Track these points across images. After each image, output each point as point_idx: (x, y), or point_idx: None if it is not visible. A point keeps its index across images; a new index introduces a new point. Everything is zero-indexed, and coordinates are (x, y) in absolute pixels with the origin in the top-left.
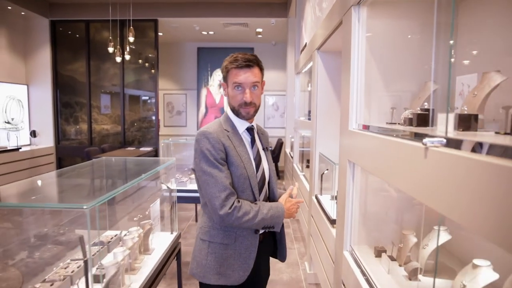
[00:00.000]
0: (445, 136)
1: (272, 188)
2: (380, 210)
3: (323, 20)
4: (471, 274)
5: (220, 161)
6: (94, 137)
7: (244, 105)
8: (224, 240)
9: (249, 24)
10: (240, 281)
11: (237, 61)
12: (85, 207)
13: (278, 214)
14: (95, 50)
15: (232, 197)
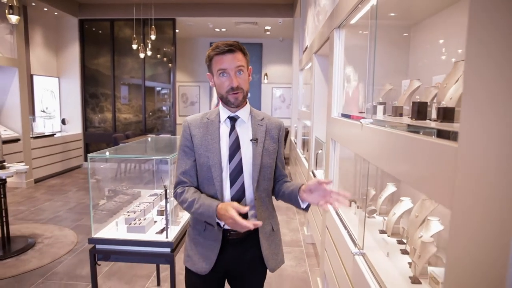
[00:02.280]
0: (372, 119)
1: (254, 182)
2: (351, 173)
3: (318, 32)
4: (398, 206)
5: (184, 148)
6: (118, 125)
7: (232, 91)
8: (196, 226)
9: (258, 23)
10: (204, 272)
11: (218, 47)
12: (167, 157)
13: (209, 213)
14: (119, 46)
15: (177, 186)
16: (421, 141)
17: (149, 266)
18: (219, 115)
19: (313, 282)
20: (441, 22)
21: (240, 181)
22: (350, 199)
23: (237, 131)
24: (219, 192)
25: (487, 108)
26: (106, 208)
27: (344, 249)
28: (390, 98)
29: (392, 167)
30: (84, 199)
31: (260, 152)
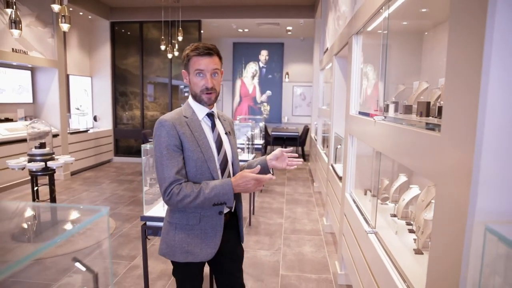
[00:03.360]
0: (384, 116)
1: (236, 169)
2: (367, 165)
3: (338, 36)
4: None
5: (173, 147)
6: (146, 121)
7: (206, 91)
8: (189, 221)
9: (280, 24)
10: (208, 258)
11: (198, 49)
12: None
13: (224, 191)
14: (147, 47)
15: (171, 186)
16: (415, 132)
17: None
18: (194, 112)
19: (332, 265)
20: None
21: (228, 169)
22: (365, 188)
23: (217, 126)
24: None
25: (462, 107)
26: (150, 192)
27: (359, 229)
28: (403, 98)
29: (396, 154)
30: (117, 190)
31: (234, 143)
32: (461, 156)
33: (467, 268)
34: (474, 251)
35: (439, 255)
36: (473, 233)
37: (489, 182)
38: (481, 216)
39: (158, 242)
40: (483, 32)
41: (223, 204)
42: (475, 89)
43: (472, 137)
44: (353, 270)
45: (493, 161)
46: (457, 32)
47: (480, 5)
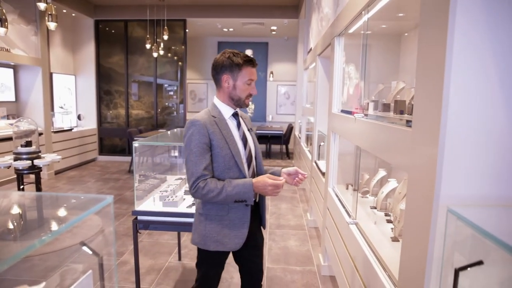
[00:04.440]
0: (363, 114)
1: (259, 163)
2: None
3: (321, 37)
4: (386, 186)
5: (203, 145)
6: (131, 120)
7: (249, 96)
8: (218, 212)
9: (264, 23)
10: (237, 247)
11: (252, 61)
12: None
13: (245, 190)
14: (132, 45)
15: (198, 180)
16: (391, 128)
17: (171, 244)
18: (221, 112)
19: (315, 257)
20: None
21: (252, 163)
22: (347, 183)
23: (241, 125)
24: (242, 175)
25: (429, 104)
26: (140, 188)
27: (342, 222)
28: (382, 96)
29: (375, 149)
30: (102, 188)
31: (256, 139)
32: (428, 148)
33: (433, 247)
34: (439, 231)
35: (410, 237)
36: (438, 215)
37: (452, 170)
38: (445, 200)
39: (146, 238)
40: (445, 39)
41: (243, 202)
42: (439, 89)
43: (437, 131)
44: (335, 261)
45: (455, 152)
46: (425, 39)
47: (442, 14)
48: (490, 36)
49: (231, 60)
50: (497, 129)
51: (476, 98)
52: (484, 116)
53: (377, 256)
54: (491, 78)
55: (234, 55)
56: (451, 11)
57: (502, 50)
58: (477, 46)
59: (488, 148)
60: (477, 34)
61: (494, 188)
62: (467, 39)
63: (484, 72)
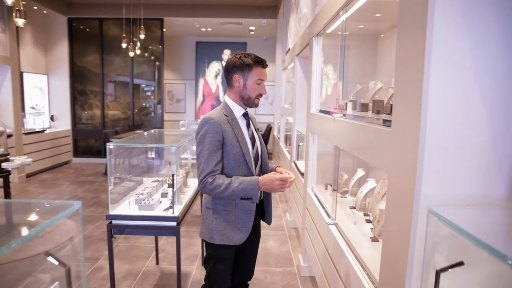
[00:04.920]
0: (342, 113)
1: (265, 162)
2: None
3: (299, 38)
4: (364, 186)
5: (215, 142)
6: (107, 121)
7: (259, 97)
8: (225, 207)
9: (243, 23)
10: (241, 241)
11: (262, 62)
12: (174, 146)
13: (251, 187)
14: (107, 44)
15: (207, 175)
16: (370, 128)
17: (147, 248)
18: (232, 112)
19: (295, 258)
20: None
21: (259, 162)
22: (326, 183)
23: (251, 125)
24: (250, 172)
25: (408, 105)
26: (115, 191)
27: (321, 222)
28: (360, 96)
29: (354, 149)
30: (77, 192)
31: (261, 139)
32: (408, 148)
33: (414, 247)
34: (420, 232)
35: (391, 238)
36: (419, 216)
37: (433, 171)
38: (425, 201)
39: (122, 242)
40: (424, 39)
41: (249, 199)
42: (418, 89)
43: (417, 131)
44: (315, 262)
45: (435, 152)
46: (403, 39)
47: (421, 15)
48: (468, 37)
49: (242, 61)
50: (475, 129)
51: (454, 98)
52: (462, 116)
53: (357, 257)
54: (469, 78)
55: (245, 56)
56: (430, 11)
57: (480, 51)
58: (456, 45)
59: (467, 148)
60: (455, 35)
61: (474, 188)
62: (445, 39)
63: (462, 72)
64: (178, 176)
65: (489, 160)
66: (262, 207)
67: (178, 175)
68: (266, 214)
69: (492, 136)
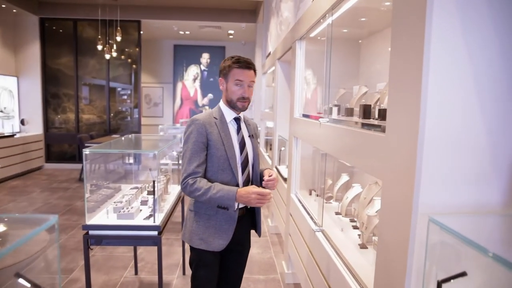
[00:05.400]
0: (328, 118)
1: (255, 170)
2: (311, 167)
3: (281, 42)
4: (350, 192)
5: (199, 144)
6: (81, 125)
7: (242, 99)
8: (207, 211)
9: (222, 27)
10: (220, 248)
11: (240, 62)
12: (155, 152)
13: (228, 197)
14: (82, 46)
15: (189, 177)
16: (362, 133)
17: (125, 257)
18: (223, 115)
19: (279, 265)
20: (384, 38)
21: (248, 168)
22: (310, 188)
23: (242, 129)
24: (234, 178)
25: (405, 109)
26: (92, 199)
27: (306, 228)
28: (344, 101)
29: (343, 154)
30: (50, 199)
31: (256, 145)
32: (405, 154)
33: (412, 257)
34: (418, 241)
35: (386, 247)
36: (417, 224)
37: (431, 178)
38: (424, 209)
39: (99, 252)
40: (422, 41)
41: (225, 209)
42: (416, 93)
43: (415, 137)
44: (301, 269)
45: (433, 159)
46: (398, 41)
47: (418, 15)
48: (466, 39)
49: (223, 63)
50: (474, 135)
51: (453, 104)
52: (461, 121)
53: (347, 264)
54: (468, 83)
55: (228, 59)
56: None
57: (479, 53)
58: (454, 48)
59: (465, 154)
60: (454, 35)
61: (471, 195)
62: (444, 39)
63: (461, 76)
64: (159, 182)
65: (487, 167)
66: (254, 217)
67: (159, 182)
68: (258, 225)
69: (490, 142)
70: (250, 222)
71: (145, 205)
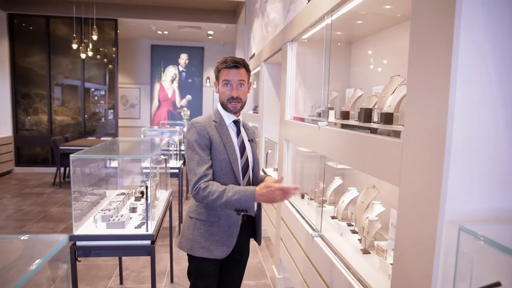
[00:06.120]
0: (327, 121)
1: (256, 173)
2: (302, 170)
3: (268, 43)
4: (346, 195)
5: (203, 146)
6: (54, 127)
7: (232, 100)
8: (209, 218)
9: (201, 27)
10: (223, 256)
11: (226, 62)
12: (148, 156)
13: (246, 198)
14: (55, 45)
15: (200, 181)
16: (376, 139)
17: (109, 266)
18: (222, 118)
19: (268, 270)
20: (375, 41)
21: (248, 172)
22: (302, 192)
23: (241, 133)
24: (236, 182)
25: (428, 113)
26: (77, 207)
27: (302, 233)
28: (335, 104)
29: (351, 160)
30: (22, 205)
31: (255, 150)
32: (428, 160)
33: (438, 266)
34: (444, 249)
35: (405, 256)
36: (444, 231)
37: (457, 184)
38: (451, 216)
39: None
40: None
41: (244, 211)
42: (443, 97)
43: (441, 142)
44: (295, 274)
45: (461, 164)
46: (420, 41)
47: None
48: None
49: (216, 66)
50: (501, 139)
51: (480, 106)
52: (488, 125)
53: (352, 270)
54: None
55: (220, 60)
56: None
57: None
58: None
59: (493, 159)
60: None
61: (499, 202)
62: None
63: (488, 79)
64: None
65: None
66: (253, 224)
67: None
68: (258, 233)
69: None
70: (251, 230)
71: (134, 212)
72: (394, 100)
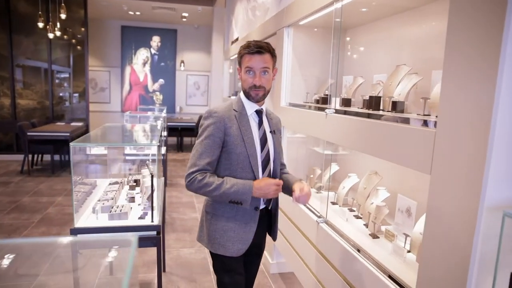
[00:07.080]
0: (334, 108)
1: (275, 167)
2: (299, 156)
3: (258, 27)
4: (346, 181)
5: (216, 138)
6: (19, 111)
7: (254, 88)
8: (225, 213)
9: (176, 9)
10: (239, 253)
11: (249, 47)
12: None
13: (244, 191)
14: (17, 23)
15: (197, 172)
16: (404, 128)
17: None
18: (244, 107)
19: None
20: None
21: (269, 167)
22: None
23: (263, 124)
24: (254, 177)
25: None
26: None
27: (306, 220)
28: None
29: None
30: None
31: (278, 142)
32: (468, 149)
33: (476, 254)
34: (483, 234)
35: (436, 242)
36: (483, 217)
37: (499, 172)
38: (491, 203)
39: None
40: (501, 31)
41: (239, 204)
42: (489, 85)
43: (484, 132)
44: (294, 258)
45: (501, 153)
46: (462, 29)
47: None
48: None
49: (238, 51)
50: None
51: None
52: None
53: (365, 255)
54: None
55: (243, 45)
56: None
57: None
58: None
59: None
60: None
61: None
62: None
63: None
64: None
65: None
66: (270, 218)
67: (145, 177)
68: (273, 227)
69: None
70: (267, 224)
71: (132, 202)
72: (404, 89)
